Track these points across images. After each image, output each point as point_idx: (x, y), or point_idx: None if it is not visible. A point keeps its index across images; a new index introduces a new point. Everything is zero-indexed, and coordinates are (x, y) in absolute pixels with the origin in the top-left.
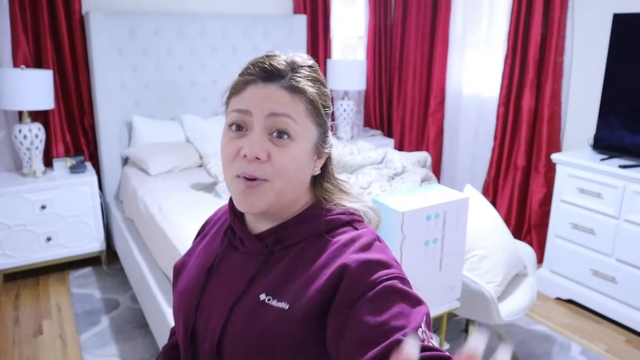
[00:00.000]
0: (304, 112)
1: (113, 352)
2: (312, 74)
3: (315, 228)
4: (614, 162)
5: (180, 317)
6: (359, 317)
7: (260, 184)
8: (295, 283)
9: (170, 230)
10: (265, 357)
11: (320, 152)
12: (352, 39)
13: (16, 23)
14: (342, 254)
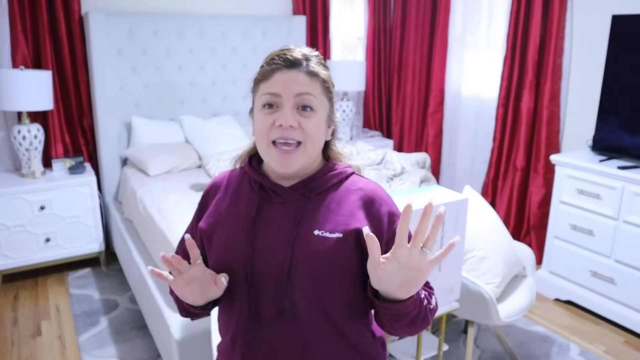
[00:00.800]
0: (320, 90)
1: (112, 353)
2: (320, 61)
3: (337, 178)
4: (612, 163)
5: (235, 265)
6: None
7: (295, 149)
8: (338, 218)
9: (169, 231)
10: (329, 282)
11: (331, 121)
12: (352, 39)
13: (15, 23)
14: (370, 195)
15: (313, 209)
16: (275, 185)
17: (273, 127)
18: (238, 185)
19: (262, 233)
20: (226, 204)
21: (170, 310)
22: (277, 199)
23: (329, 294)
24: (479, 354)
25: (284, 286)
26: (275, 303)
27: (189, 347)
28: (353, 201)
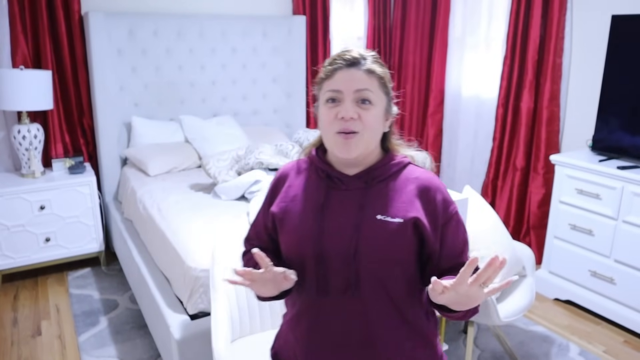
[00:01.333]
0: (377, 86)
1: (112, 353)
2: (377, 60)
3: (396, 167)
4: (612, 163)
5: (306, 245)
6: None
7: (355, 136)
8: (398, 205)
9: (169, 231)
10: (389, 262)
11: (388, 115)
12: (352, 39)
13: (15, 23)
14: (426, 184)
15: (375, 195)
16: (341, 174)
17: (336, 119)
18: (306, 173)
19: (329, 217)
20: (295, 190)
21: (170, 310)
22: (342, 186)
23: (389, 273)
24: (478, 353)
25: (350, 265)
26: (341, 280)
27: (189, 347)
28: (411, 190)
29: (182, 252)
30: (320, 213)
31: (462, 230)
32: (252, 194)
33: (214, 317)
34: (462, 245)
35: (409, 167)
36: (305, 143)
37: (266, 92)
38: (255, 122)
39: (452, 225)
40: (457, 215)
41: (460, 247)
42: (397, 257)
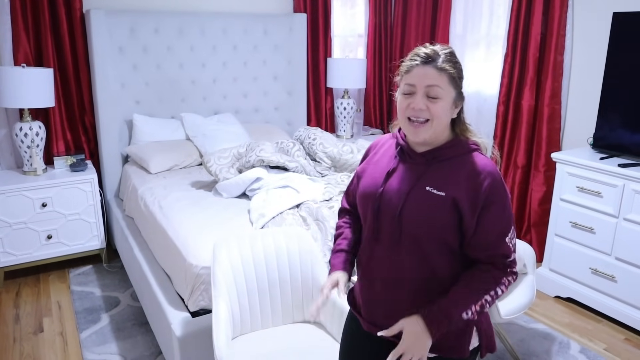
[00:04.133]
0: (447, 81)
1: (113, 350)
2: (449, 58)
3: (455, 151)
4: (613, 161)
5: (368, 201)
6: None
7: (424, 124)
8: (448, 182)
9: (170, 228)
10: (425, 224)
11: (457, 103)
12: (353, 37)
13: (17, 21)
14: (480, 169)
15: (433, 171)
16: (411, 150)
17: (408, 108)
18: (388, 145)
19: (391, 182)
20: (378, 157)
21: (171, 307)
22: (409, 160)
23: (425, 233)
24: None
25: (395, 220)
26: (389, 234)
27: (190, 344)
28: (464, 172)
29: (183, 250)
30: (386, 178)
31: (504, 220)
32: (253, 191)
33: (215, 315)
34: (498, 235)
35: (475, 154)
36: (307, 141)
37: (267, 90)
38: (256, 120)
39: (492, 211)
40: (503, 204)
41: (494, 235)
42: (432, 224)
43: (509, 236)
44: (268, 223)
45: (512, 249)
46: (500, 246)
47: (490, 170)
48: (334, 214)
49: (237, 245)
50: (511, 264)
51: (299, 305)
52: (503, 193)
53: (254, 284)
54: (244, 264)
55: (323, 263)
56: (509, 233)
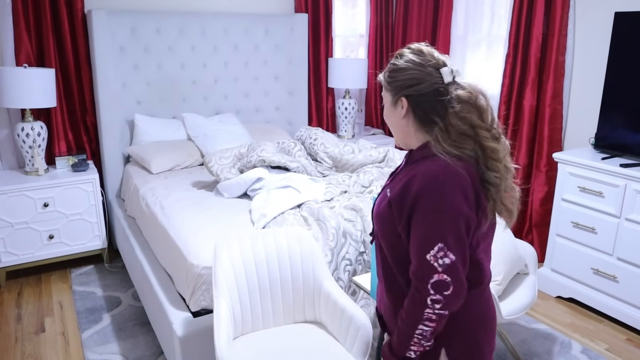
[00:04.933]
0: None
1: (114, 350)
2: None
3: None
4: (615, 161)
5: None
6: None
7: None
8: (397, 184)
9: (171, 228)
10: (378, 225)
11: (399, 105)
12: (354, 37)
13: (19, 22)
14: (417, 173)
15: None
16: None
17: None
18: None
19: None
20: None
21: (173, 307)
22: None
23: (378, 231)
24: None
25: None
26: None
27: (192, 344)
28: (408, 174)
29: (184, 250)
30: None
31: (428, 230)
32: (254, 191)
33: (217, 315)
34: (417, 247)
35: (434, 158)
36: (308, 141)
37: (268, 90)
38: (257, 120)
39: (414, 220)
40: (428, 211)
41: (414, 246)
42: (381, 224)
43: (433, 253)
44: (269, 223)
45: (436, 270)
46: (418, 261)
47: (430, 173)
48: (335, 214)
49: (239, 245)
50: (429, 289)
51: (300, 305)
52: (433, 200)
53: (255, 284)
54: (245, 264)
55: (324, 263)
56: (432, 250)
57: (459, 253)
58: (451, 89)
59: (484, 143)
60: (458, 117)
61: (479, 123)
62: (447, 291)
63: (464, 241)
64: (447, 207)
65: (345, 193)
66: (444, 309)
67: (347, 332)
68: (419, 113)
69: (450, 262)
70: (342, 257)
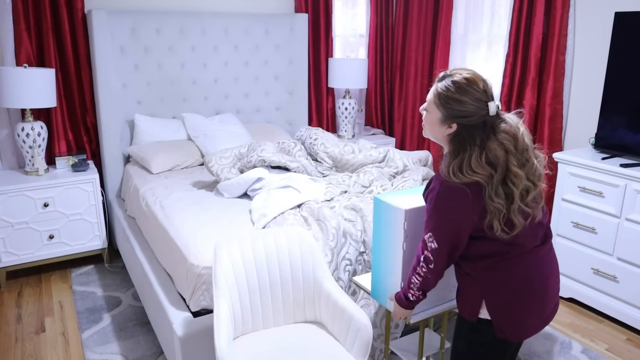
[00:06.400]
0: (433, 101)
1: (115, 350)
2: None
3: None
4: (615, 161)
5: None
6: None
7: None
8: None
9: (171, 228)
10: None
11: (446, 124)
12: (354, 37)
13: (19, 22)
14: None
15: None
16: None
17: None
18: None
19: None
20: None
21: (173, 307)
22: None
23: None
24: None
25: None
26: None
27: (192, 344)
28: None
29: (184, 250)
30: None
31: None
32: (255, 191)
33: (217, 315)
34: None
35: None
36: (308, 141)
37: (268, 90)
38: (258, 120)
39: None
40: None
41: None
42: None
43: (426, 237)
44: (269, 223)
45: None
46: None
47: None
48: (335, 214)
49: (239, 245)
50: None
51: (300, 305)
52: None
53: (255, 284)
54: (245, 264)
55: (324, 263)
56: (427, 234)
57: (443, 244)
58: (496, 122)
59: (510, 167)
60: (497, 143)
61: (512, 150)
62: (430, 265)
63: (449, 237)
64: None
65: (345, 193)
66: (427, 274)
67: (347, 332)
68: (464, 135)
69: (435, 247)
70: (342, 257)
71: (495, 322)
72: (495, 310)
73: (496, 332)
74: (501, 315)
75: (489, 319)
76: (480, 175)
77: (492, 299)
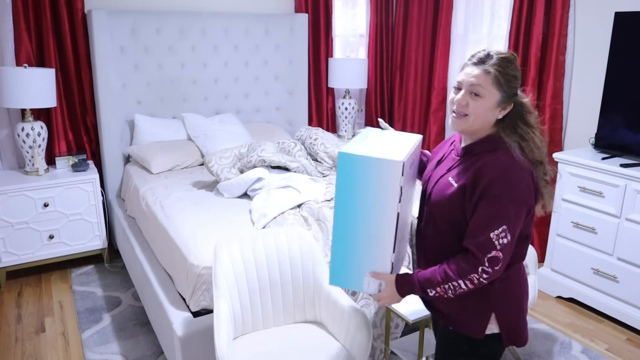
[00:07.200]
0: (491, 83)
1: (115, 350)
2: (500, 61)
3: (487, 147)
4: (615, 161)
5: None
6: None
7: (462, 118)
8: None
9: (171, 228)
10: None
11: (503, 105)
12: (354, 37)
13: (19, 22)
14: (489, 163)
15: (462, 164)
16: (456, 145)
17: (452, 101)
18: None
19: (436, 170)
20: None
21: (173, 307)
22: (454, 153)
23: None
24: None
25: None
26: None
27: (192, 344)
28: (479, 165)
29: (184, 250)
30: (436, 165)
31: (496, 215)
32: (255, 191)
33: (217, 315)
34: (484, 225)
35: (501, 152)
36: (308, 141)
37: (268, 90)
38: (258, 120)
39: (488, 202)
40: (499, 201)
41: (480, 224)
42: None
43: (496, 232)
44: (269, 223)
45: (496, 247)
46: (482, 236)
47: (500, 165)
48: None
49: (239, 245)
50: (486, 261)
51: (300, 305)
52: (503, 189)
53: (255, 284)
54: (245, 264)
55: (324, 263)
56: (497, 230)
57: (513, 236)
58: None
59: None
60: (536, 133)
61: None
62: (497, 266)
63: (519, 227)
64: (513, 196)
65: None
66: (487, 280)
67: (347, 332)
68: (515, 114)
69: (507, 242)
70: None
71: (505, 334)
72: (505, 322)
73: (504, 341)
74: (511, 324)
75: (496, 333)
76: (542, 153)
77: (503, 311)
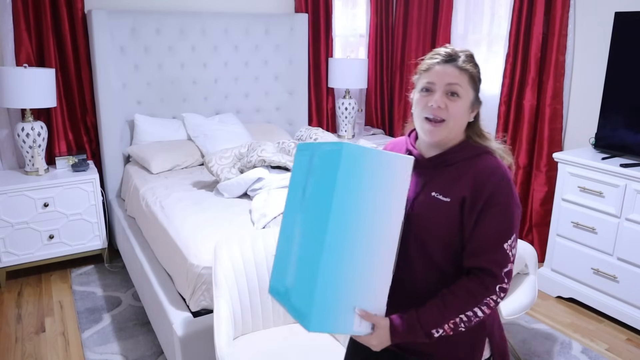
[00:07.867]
0: (467, 81)
1: (115, 350)
2: (470, 58)
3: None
4: (615, 161)
5: None
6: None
7: (440, 124)
8: (455, 186)
9: (171, 228)
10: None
11: (474, 106)
12: (354, 37)
13: (19, 22)
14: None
15: (439, 176)
16: (419, 156)
17: (426, 107)
18: (400, 149)
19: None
20: None
21: (173, 307)
22: (417, 166)
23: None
24: None
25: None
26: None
27: (192, 344)
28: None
29: (184, 250)
30: None
31: (505, 225)
32: (255, 191)
33: (217, 315)
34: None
35: (484, 156)
36: (308, 141)
37: (268, 90)
38: (258, 120)
39: (493, 213)
40: (505, 207)
41: (492, 239)
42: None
43: (509, 243)
44: (269, 223)
45: (510, 259)
46: (496, 251)
47: (497, 171)
48: None
49: (239, 245)
50: (504, 276)
51: None
52: (507, 197)
53: (255, 284)
54: (245, 264)
55: None
56: (509, 240)
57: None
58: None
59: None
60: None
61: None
62: (510, 280)
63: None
64: (515, 202)
65: None
66: (503, 299)
67: None
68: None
69: (516, 251)
70: None
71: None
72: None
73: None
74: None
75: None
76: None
77: (494, 332)
